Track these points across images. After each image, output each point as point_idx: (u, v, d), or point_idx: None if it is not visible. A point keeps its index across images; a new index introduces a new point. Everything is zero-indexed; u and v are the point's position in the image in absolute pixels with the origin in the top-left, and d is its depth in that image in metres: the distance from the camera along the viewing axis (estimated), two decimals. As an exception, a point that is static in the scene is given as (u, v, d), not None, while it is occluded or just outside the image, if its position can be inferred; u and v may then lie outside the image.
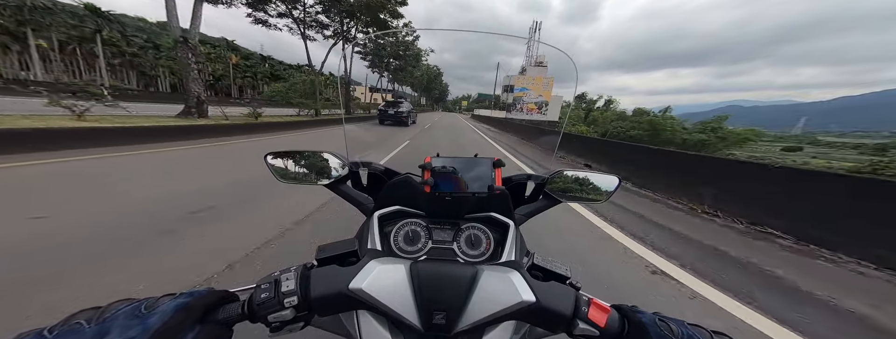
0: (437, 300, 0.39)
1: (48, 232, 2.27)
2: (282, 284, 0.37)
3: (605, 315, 0.38)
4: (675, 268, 2.44)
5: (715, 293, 2.11)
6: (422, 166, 0.57)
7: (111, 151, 5.13)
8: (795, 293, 2.18)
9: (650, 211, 3.99)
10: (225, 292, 0.39)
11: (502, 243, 0.59)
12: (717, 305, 1.98)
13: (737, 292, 2.13)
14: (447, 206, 0.61)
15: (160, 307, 0.32)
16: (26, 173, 3.75)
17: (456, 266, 0.43)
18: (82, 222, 2.51)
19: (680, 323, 0.37)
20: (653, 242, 2.95)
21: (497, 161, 0.58)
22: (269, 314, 0.36)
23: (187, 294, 0.35)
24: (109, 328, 0.29)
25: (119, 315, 0.30)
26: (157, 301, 0.33)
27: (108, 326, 0.29)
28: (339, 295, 0.37)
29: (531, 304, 0.37)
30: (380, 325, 0.41)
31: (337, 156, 0.74)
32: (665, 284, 2.22)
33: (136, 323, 0.30)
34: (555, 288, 0.40)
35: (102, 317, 0.30)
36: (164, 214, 2.76)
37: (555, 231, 3.04)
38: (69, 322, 0.30)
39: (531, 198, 0.80)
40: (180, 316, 0.32)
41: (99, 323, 0.29)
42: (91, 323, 0.29)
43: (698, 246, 2.95)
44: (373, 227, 0.58)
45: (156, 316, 0.31)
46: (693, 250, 2.85)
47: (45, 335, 0.28)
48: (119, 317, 0.30)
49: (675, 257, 2.64)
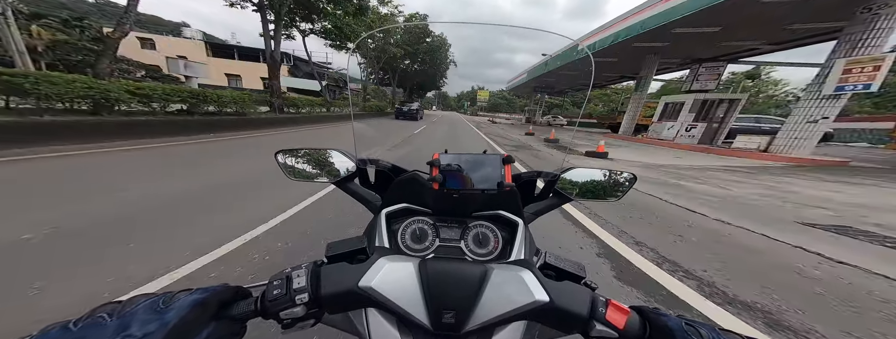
0: (447, 298, 0.39)
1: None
2: (293, 281, 0.38)
3: (624, 317, 0.37)
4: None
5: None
6: (430, 163, 0.57)
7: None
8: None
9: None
10: (238, 287, 0.40)
11: (511, 242, 0.58)
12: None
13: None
14: (455, 203, 0.60)
15: (177, 303, 0.33)
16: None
17: (466, 265, 0.42)
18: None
19: (710, 329, 0.34)
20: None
21: (506, 157, 0.57)
22: (281, 310, 0.36)
23: (203, 290, 0.35)
24: (130, 322, 0.30)
25: (139, 310, 0.31)
26: (174, 296, 0.34)
27: (129, 320, 0.30)
28: (350, 293, 0.37)
29: (545, 304, 0.37)
30: (388, 323, 0.41)
31: (345, 153, 0.74)
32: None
33: (155, 318, 0.30)
34: (570, 288, 0.39)
35: (123, 311, 0.31)
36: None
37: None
38: (93, 316, 0.31)
39: (541, 195, 0.77)
40: (196, 312, 0.32)
41: (120, 317, 0.30)
42: (113, 317, 0.30)
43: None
44: (380, 224, 0.58)
45: (173, 311, 0.31)
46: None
47: (70, 328, 0.29)
48: (139, 311, 0.31)
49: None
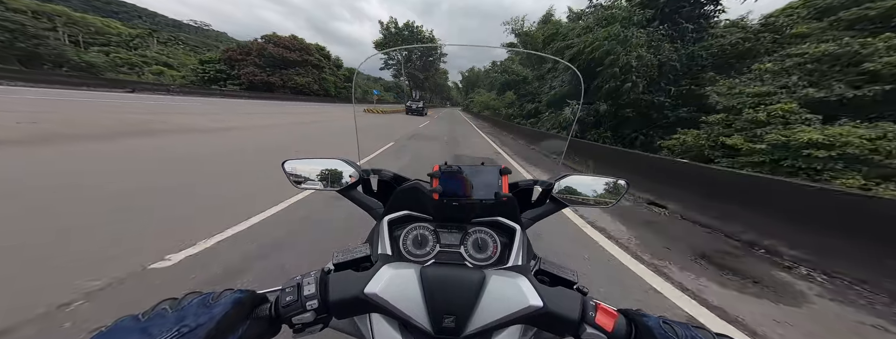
0: (447, 304, 0.40)
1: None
2: (304, 288, 0.40)
3: (612, 320, 0.39)
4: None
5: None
6: (430, 175, 0.59)
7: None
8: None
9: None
10: (261, 294, 0.43)
11: (509, 247, 0.59)
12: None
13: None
14: (454, 211, 0.62)
15: (223, 299, 0.37)
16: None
17: (465, 271, 0.44)
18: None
19: (684, 326, 0.38)
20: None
21: (504, 169, 0.59)
22: (294, 315, 0.39)
23: (241, 291, 0.40)
24: (185, 314, 0.35)
25: (193, 304, 0.36)
26: (221, 294, 0.39)
27: (184, 313, 0.35)
28: (356, 299, 0.40)
29: (539, 309, 0.38)
30: (392, 328, 0.43)
31: (349, 163, 0.76)
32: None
33: (205, 312, 0.35)
34: (562, 293, 0.41)
35: (180, 305, 0.36)
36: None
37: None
38: (156, 309, 0.36)
39: (538, 202, 0.79)
40: (238, 308, 0.37)
41: (177, 310, 0.35)
42: (172, 310, 0.35)
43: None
44: (383, 231, 0.60)
45: (220, 307, 0.36)
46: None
47: (139, 318, 0.34)
48: (193, 306, 0.36)
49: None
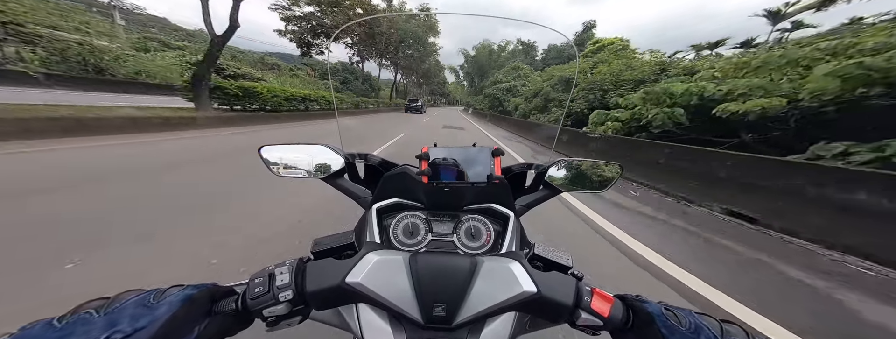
0: (437, 292, 0.38)
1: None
2: (276, 278, 0.37)
3: (608, 305, 0.38)
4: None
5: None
6: (419, 157, 0.56)
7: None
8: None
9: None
10: (226, 287, 0.40)
11: (503, 235, 0.57)
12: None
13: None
14: (446, 197, 0.60)
15: (168, 298, 0.32)
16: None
17: (455, 258, 0.42)
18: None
19: (687, 313, 0.36)
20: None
21: (496, 150, 0.56)
22: (264, 308, 0.36)
23: (194, 287, 0.35)
24: (118, 317, 0.29)
25: (128, 305, 0.31)
26: (165, 292, 0.34)
27: (118, 316, 0.29)
28: (336, 289, 0.37)
29: (532, 294, 0.37)
30: (380, 318, 0.41)
31: (332, 149, 0.73)
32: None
33: (145, 313, 0.30)
34: (556, 278, 0.39)
35: (111, 307, 0.31)
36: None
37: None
38: (78, 312, 0.30)
39: (532, 188, 0.77)
40: (188, 308, 0.32)
41: (108, 313, 0.30)
42: (100, 313, 0.30)
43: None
44: (371, 220, 0.58)
45: (164, 306, 0.31)
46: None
47: (54, 325, 0.28)
48: (128, 307, 0.31)
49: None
